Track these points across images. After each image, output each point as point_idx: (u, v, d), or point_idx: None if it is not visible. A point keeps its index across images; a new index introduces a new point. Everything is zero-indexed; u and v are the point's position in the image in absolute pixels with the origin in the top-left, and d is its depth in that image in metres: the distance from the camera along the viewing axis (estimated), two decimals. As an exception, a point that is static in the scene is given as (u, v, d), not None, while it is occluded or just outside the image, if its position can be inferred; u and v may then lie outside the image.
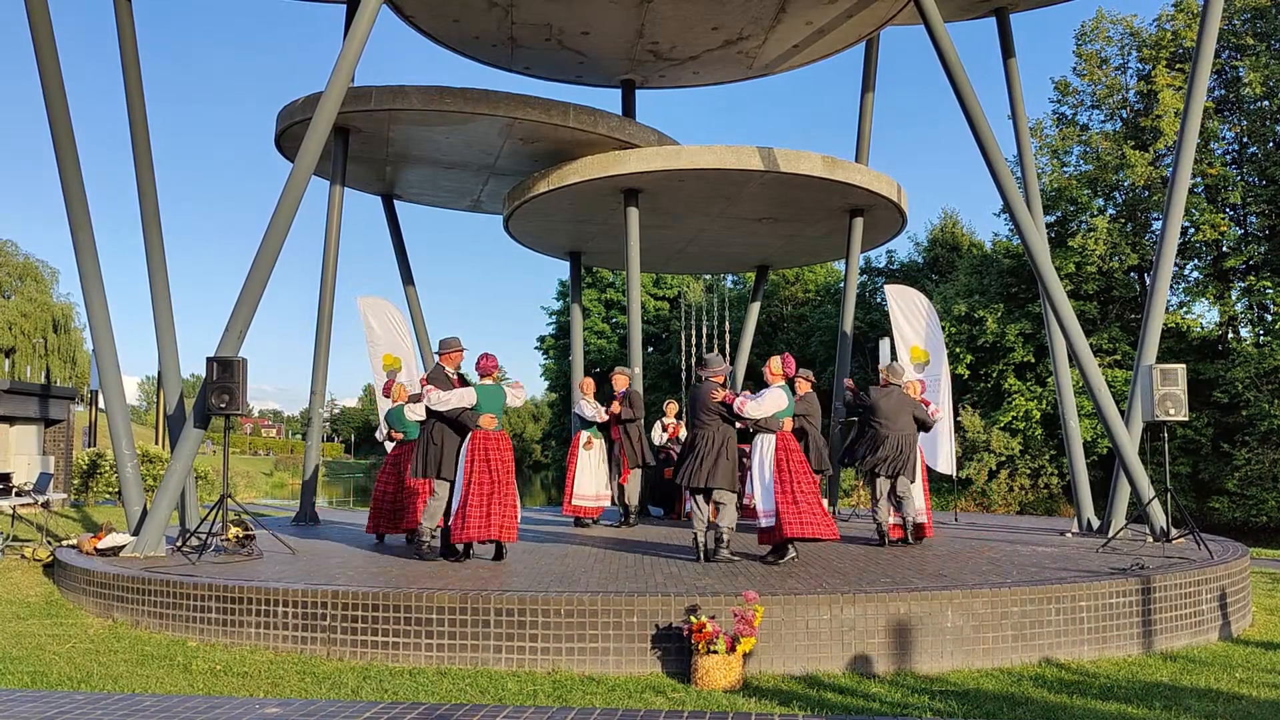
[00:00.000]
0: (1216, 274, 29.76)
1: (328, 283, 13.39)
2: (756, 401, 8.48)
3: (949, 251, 41.25)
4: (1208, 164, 28.53)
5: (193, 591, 7.50)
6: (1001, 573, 7.88)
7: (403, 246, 17.14)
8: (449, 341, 9.16)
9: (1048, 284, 11.14)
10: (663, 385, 43.75)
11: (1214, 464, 27.93)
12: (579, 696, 5.91)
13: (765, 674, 6.52)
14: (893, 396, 9.88)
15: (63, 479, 17.55)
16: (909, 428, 9.78)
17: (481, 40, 14.64)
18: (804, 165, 13.32)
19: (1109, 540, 10.31)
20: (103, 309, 10.59)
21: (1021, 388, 31.43)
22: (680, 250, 17.87)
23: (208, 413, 9.46)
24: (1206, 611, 7.91)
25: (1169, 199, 11.61)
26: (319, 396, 13.37)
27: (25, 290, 53.28)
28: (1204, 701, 5.95)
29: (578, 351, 17.24)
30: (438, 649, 6.72)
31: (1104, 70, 32.35)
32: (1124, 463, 10.81)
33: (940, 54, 11.16)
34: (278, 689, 6.12)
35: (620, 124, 14.07)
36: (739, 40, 14.42)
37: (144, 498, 10.52)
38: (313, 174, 10.42)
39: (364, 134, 13.95)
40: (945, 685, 6.31)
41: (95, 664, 6.65)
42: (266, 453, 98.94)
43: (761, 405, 8.47)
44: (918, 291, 14.27)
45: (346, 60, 10.22)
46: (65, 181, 10.48)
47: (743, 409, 8.44)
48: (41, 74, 10.44)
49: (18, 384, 16.47)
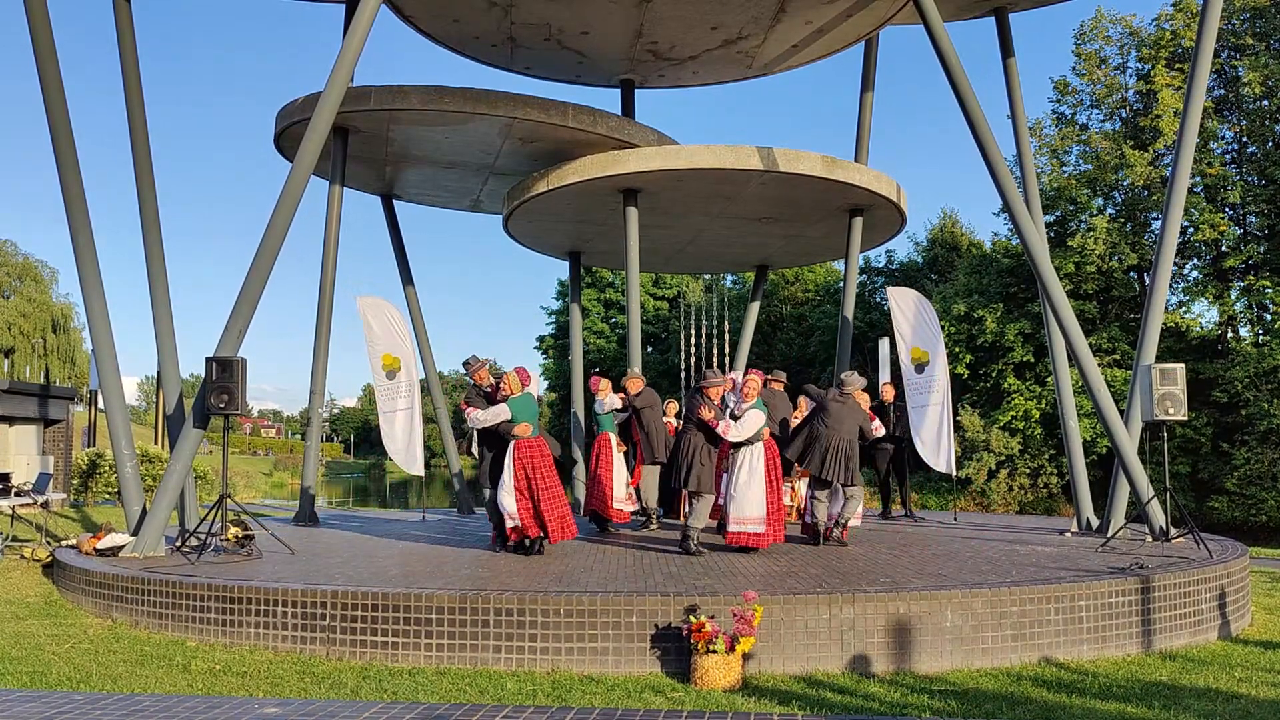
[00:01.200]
0: (1216, 273, 29.77)
1: (327, 283, 13.39)
2: (738, 428, 9.11)
3: (948, 251, 41.26)
4: (1207, 164, 28.53)
5: (192, 591, 7.50)
6: (1001, 572, 7.89)
7: (402, 246, 17.14)
8: (470, 363, 9.98)
9: (1047, 284, 11.14)
10: (662, 385, 43.71)
11: (1213, 463, 27.93)
12: (578, 696, 5.91)
13: (765, 674, 6.52)
14: (848, 403, 10.13)
15: (62, 479, 17.55)
16: (851, 434, 10.05)
17: (481, 40, 14.64)
18: (803, 165, 13.32)
19: (1108, 540, 10.31)
20: (102, 309, 10.60)
21: (1021, 387, 31.44)
22: (680, 250, 17.87)
23: (207, 413, 9.46)
24: (1206, 611, 7.92)
25: (1168, 198, 11.61)
26: (318, 396, 13.37)
27: (25, 290, 53.29)
28: (1203, 701, 5.95)
29: (577, 351, 17.24)
30: (437, 649, 6.72)
31: (1103, 70, 32.35)
32: (1123, 462, 10.81)
33: (940, 54, 11.16)
34: (277, 689, 6.12)
35: (620, 124, 14.07)
36: (738, 40, 14.42)
37: (143, 498, 10.53)
38: (312, 174, 10.43)
39: (364, 134, 13.95)
40: (944, 685, 6.31)
41: (94, 664, 6.65)
42: (266, 453, 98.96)
43: (742, 430, 9.12)
44: (918, 293, 14.30)
45: (346, 60, 10.22)
46: (65, 183, 10.48)
47: (725, 434, 9.11)
48: (41, 75, 10.44)
49: (17, 384, 16.48)
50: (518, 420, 9.22)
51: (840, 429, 9.88)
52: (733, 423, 9.13)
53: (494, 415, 9.29)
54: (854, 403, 10.17)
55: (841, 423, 9.91)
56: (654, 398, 11.90)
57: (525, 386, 9.45)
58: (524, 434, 9.19)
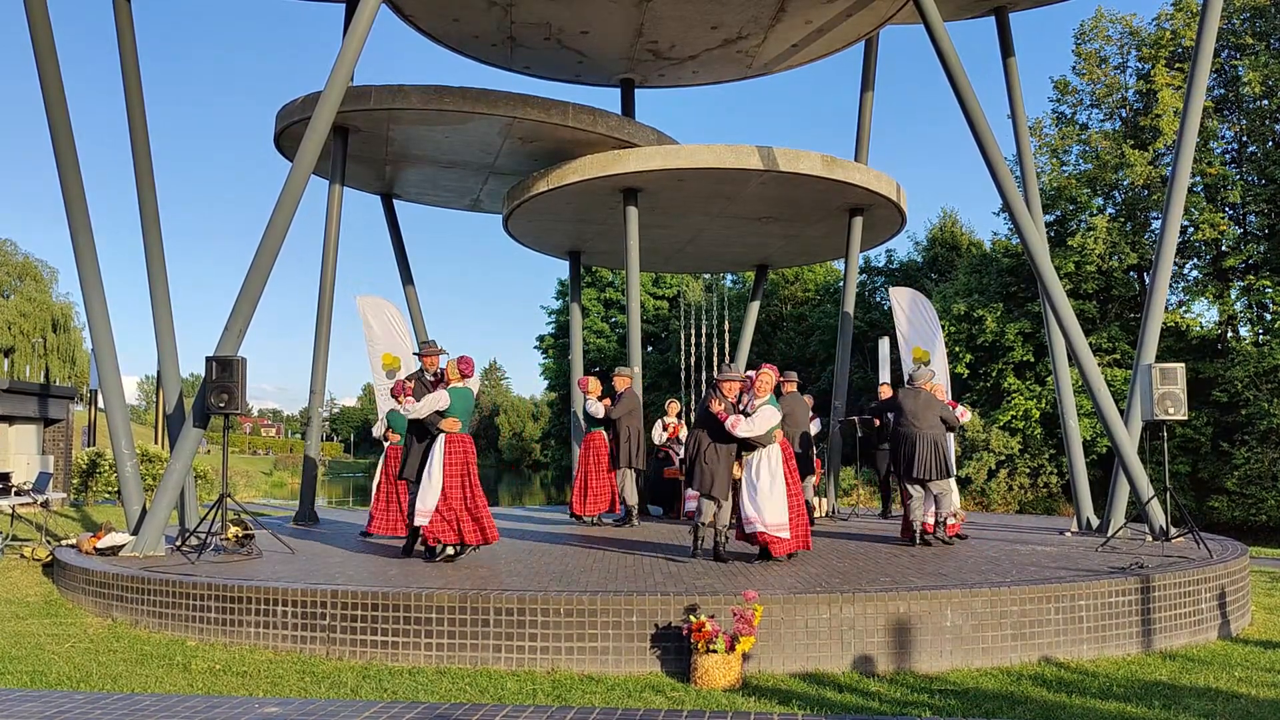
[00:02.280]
0: (1216, 273, 29.77)
1: (327, 282, 13.39)
2: (748, 423, 8.47)
3: (948, 251, 41.27)
4: (1207, 163, 28.52)
5: (192, 591, 7.50)
6: (1001, 572, 7.89)
7: (402, 246, 17.14)
8: (428, 345, 9.53)
9: (1047, 283, 11.14)
10: (662, 385, 43.73)
11: (1213, 463, 27.93)
12: (578, 696, 5.91)
13: (765, 673, 6.52)
14: (920, 397, 10.05)
15: (62, 478, 17.55)
16: (935, 426, 9.94)
17: (481, 40, 14.64)
18: (803, 164, 13.32)
19: (1108, 539, 10.31)
20: (102, 308, 10.60)
21: (1021, 387, 31.44)
22: (680, 250, 17.87)
23: (207, 412, 9.46)
24: (1205, 610, 7.92)
25: (1168, 198, 11.61)
26: (318, 396, 13.37)
27: (25, 290, 53.31)
28: (1203, 700, 5.95)
29: (577, 351, 17.24)
30: (437, 648, 6.72)
31: (1103, 69, 32.34)
32: (1123, 462, 10.81)
33: (940, 53, 11.16)
34: (277, 688, 6.12)
35: (620, 123, 14.07)
36: (738, 39, 14.42)
37: (143, 497, 10.53)
38: (312, 173, 10.43)
39: (363, 133, 13.95)
40: (945, 684, 6.31)
41: (94, 664, 6.65)
42: (266, 452, 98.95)
43: (753, 427, 8.48)
44: (919, 294, 14.32)
45: (346, 60, 10.22)
46: (65, 183, 10.48)
47: (735, 429, 8.44)
48: (41, 75, 10.43)
49: (17, 383, 16.48)
50: (451, 413, 8.71)
51: (922, 424, 9.83)
52: (743, 418, 8.48)
53: (431, 403, 8.67)
54: (927, 395, 10.09)
55: (921, 418, 9.86)
56: (634, 403, 12.12)
57: (467, 378, 8.91)
58: (452, 429, 8.66)
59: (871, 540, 10.64)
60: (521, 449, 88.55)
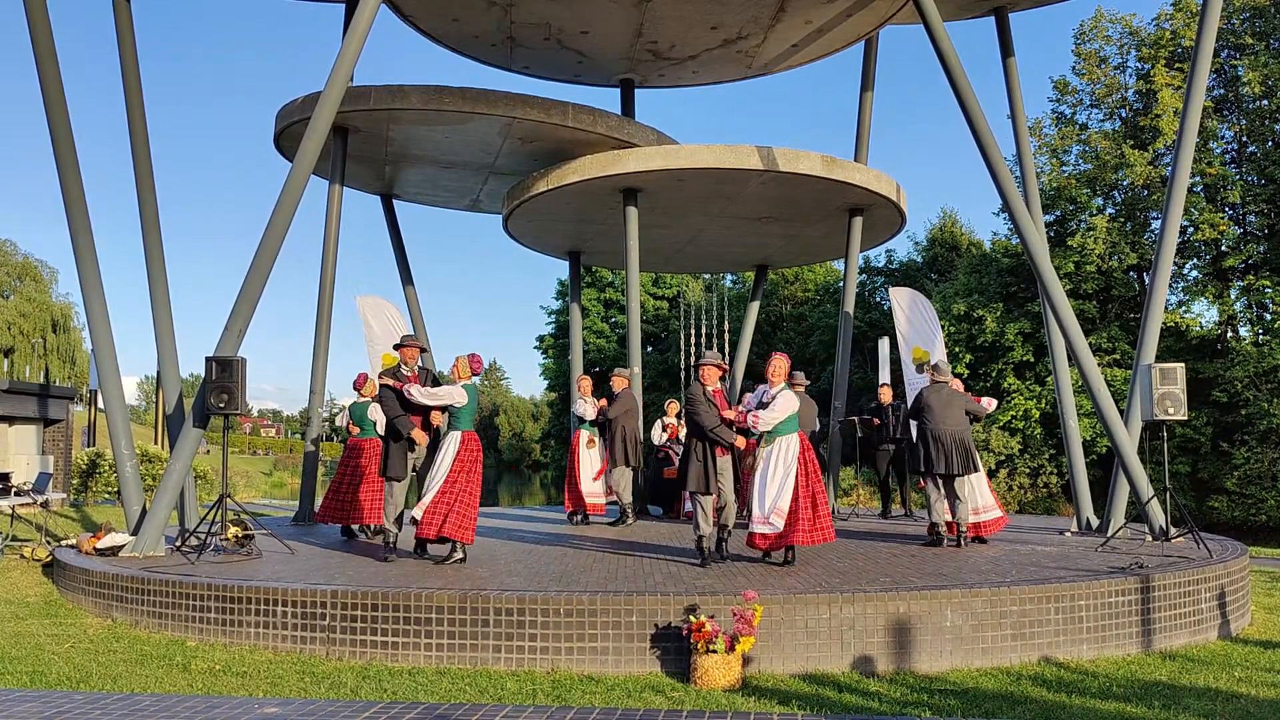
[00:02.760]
0: (1215, 273, 29.76)
1: (327, 282, 13.38)
2: (769, 412, 8.21)
3: (948, 251, 41.26)
4: (1207, 163, 28.52)
5: (192, 591, 7.50)
6: (1001, 572, 7.89)
7: (402, 246, 17.14)
8: (409, 338, 9.41)
9: (1047, 283, 11.14)
10: (662, 385, 43.74)
11: (1213, 463, 27.93)
12: (578, 696, 5.91)
13: (764, 673, 6.52)
14: (942, 393, 10.03)
15: (62, 479, 17.55)
16: (960, 421, 9.89)
17: (481, 40, 14.64)
18: (803, 164, 13.32)
19: (1108, 539, 10.31)
20: (102, 309, 10.60)
21: (1021, 387, 31.43)
22: (680, 250, 17.87)
23: (207, 412, 9.46)
24: (1205, 610, 7.92)
25: (1168, 198, 11.61)
26: (318, 396, 13.36)
27: (24, 290, 53.30)
28: (1203, 700, 5.95)
29: (577, 351, 17.24)
30: (437, 649, 6.72)
31: (1103, 69, 32.35)
32: (1123, 462, 10.81)
33: (939, 53, 11.16)
34: (277, 688, 6.12)
35: (619, 123, 14.07)
36: (738, 40, 14.42)
37: (143, 497, 10.52)
38: (312, 173, 10.42)
39: (363, 134, 13.95)
40: (944, 684, 6.31)
41: (94, 664, 6.65)
42: (266, 452, 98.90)
43: (776, 413, 8.21)
44: (919, 294, 14.32)
45: (346, 60, 10.22)
46: (65, 183, 10.48)
47: (756, 425, 8.21)
48: (41, 75, 10.43)
49: (17, 384, 16.48)
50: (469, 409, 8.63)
51: (947, 420, 9.82)
52: (761, 411, 8.19)
53: (447, 395, 8.49)
54: (950, 390, 10.08)
55: (946, 413, 9.85)
56: (630, 403, 12.15)
57: (476, 374, 8.83)
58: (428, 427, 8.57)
59: (872, 540, 10.64)
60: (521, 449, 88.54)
